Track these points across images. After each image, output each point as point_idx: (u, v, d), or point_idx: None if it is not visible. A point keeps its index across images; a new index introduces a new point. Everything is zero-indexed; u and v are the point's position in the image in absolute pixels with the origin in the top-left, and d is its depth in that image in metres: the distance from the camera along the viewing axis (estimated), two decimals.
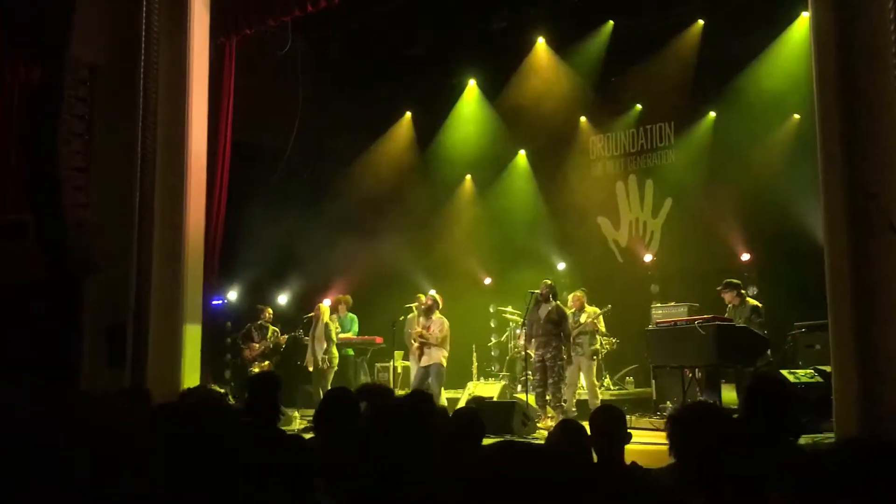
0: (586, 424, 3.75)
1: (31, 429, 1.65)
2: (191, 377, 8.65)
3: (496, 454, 1.61)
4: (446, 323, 10.26)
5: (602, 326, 10.58)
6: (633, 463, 3.45)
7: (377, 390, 4.77)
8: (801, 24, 10.51)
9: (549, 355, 9.45)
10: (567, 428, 3.84)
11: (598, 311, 10.48)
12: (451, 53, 13.11)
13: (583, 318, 10.32)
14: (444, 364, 10.17)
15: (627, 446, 3.65)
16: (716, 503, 2.53)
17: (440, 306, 10.42)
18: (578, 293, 10.64)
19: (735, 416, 4.34)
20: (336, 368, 10.98)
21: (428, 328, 10.17)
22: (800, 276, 9.44)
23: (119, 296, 8.39)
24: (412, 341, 10.47)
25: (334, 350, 11.02)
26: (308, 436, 4.35)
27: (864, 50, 6.53)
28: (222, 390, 9.48)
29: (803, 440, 6.40)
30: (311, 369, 11.01)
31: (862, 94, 6.50)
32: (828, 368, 7.31)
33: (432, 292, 10.79)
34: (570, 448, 3.50)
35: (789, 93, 10.73)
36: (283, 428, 5.50)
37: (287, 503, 2.59)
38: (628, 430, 3.60)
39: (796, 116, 11.08)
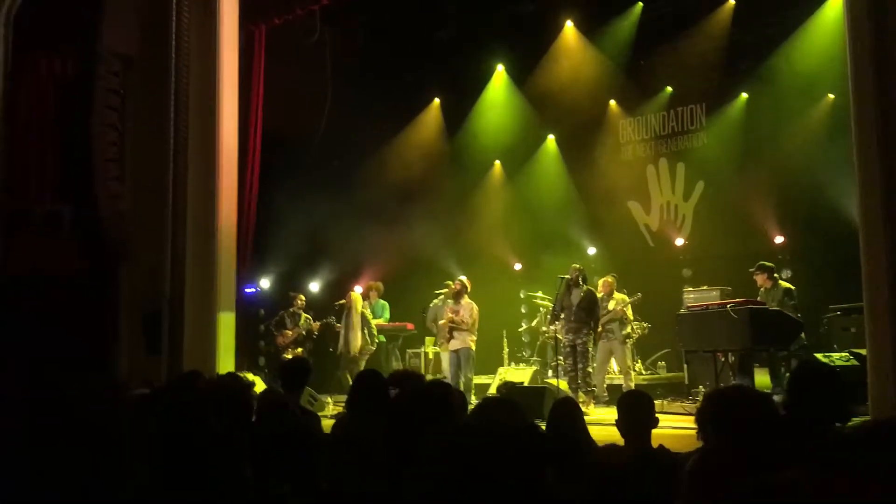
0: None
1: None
2: (226, 364, 8.78)
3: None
4: (475, 308, 10.29)
5: (630, 314, 10.52)
6: (661, 446, 3.45)
7: (409, 377, 4.82)
8: (835, 2, 10.32)
9: (580, 340, 9.46)
10: (564, 406, 3.93)
11: (626, 298, 10.43)
12: (478, 38, 13.06)
13: (611, 305, 10.28)
14: (473, 348, 10.22)
15: (660, 430, 3.66)
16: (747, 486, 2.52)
17: (469, 290, 10.45)
18: (609, 279, 10.59)
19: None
20: (368, 356, 11.08)
21: (457, 312, 10.22)
22: (834, 258, 9.33)
23: (154, 285, 8.54)
24: (443, 326, 10.51)
25: (369, 337, 11.12)
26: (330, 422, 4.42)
27: None
28: (257, 378, 9.60)
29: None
30: (339, 354, 11.11)
31: None
32: (863, 352, 7.23)
33: (462, 277, 10.80)
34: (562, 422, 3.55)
35: (823, 72, 10.54)
36: (319, 414, 5.56)
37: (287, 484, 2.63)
38: (656, 415, 3.60)
39: (830, 96, 10.89)
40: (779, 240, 11.31)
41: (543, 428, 4.23)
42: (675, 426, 6.53)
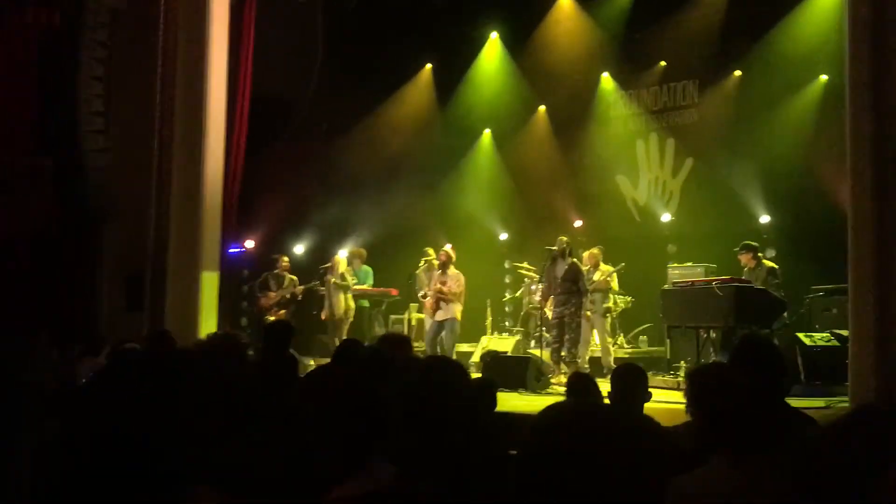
0: (598, 381, 3.81)
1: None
2: (208, 323, 8.73)
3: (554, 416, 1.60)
4: (462, 277, 10.27)
5: (615, 285, 10.56)
6: (647, 416, 3.46)
7: (395, 339, 4.82)
8: None
9: (567, 312, 9.44)
10: (580, 380, 3.90)
11: (611, 269, 10.46)
12: (473, 5, 12.91)
13: (596, 276, 10.30)
14: (459, 318, 10.22)
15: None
16: (729, 460, 2.54)
17: (454, 260, 10.43)
18: (595, 251, 10.61)
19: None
20: (352, 319, 11.06)
21: (444, 283, 10.19)
22: (818, 239, 9.37)
23: (137, 241, 8.46)
24: (425, 296, 10.50)
25: (350, 302, 11.13)
26: None
27: None
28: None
29: (820, 403, 6.43)
30: (323, 318, 11.11)
31: (892, 58, 6.37)
32: (844, 332, 7.29)
33: (448, 246, 10.76)
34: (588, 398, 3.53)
35: (817, 53, 10.52)
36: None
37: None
38: (649, 389, 3.61)
39: (823, 77, 10.86)
40: (764, 219, 11.35)
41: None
42: (657, 400, 6.56)
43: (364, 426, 2.02)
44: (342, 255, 11.79)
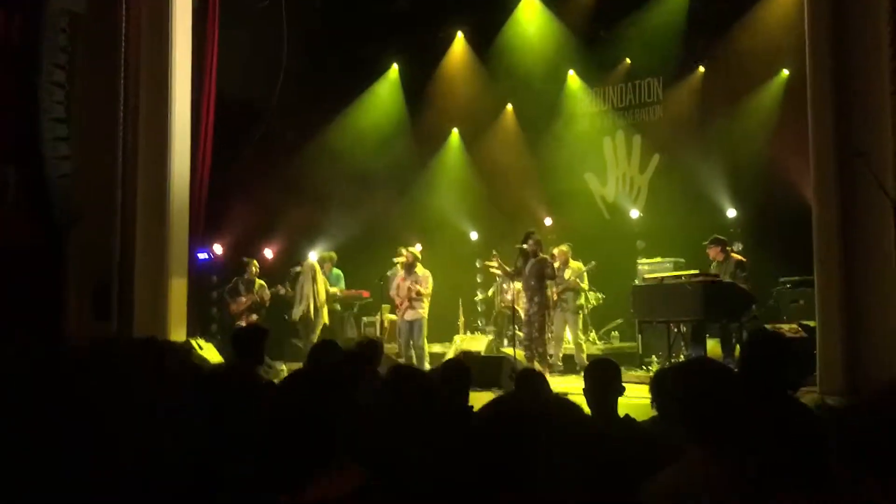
0: (573, 378, 3.82)
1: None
2: (177, 330, 8.65)
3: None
4: (430, 278, 10.35)
5: (585, 283, 10.62)
6: (627, 415, 3.48)
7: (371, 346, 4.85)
8: None
9: (532, 310, 9.52)
10: (528, 377, 3.93)
11: (582, 267, 10.51)
12: (439, 5, 12.90)
13: (567, 275, 10.35)
14: (426, 317, 10.29)
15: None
16: (712, 454, 2.54)
17: (420, 260, 10.47)
18: (564, 247, 10.66)
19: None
20: (325, 322, 11.01)
21: (417, 283, 10.23)
22: (785, 232, 9.49)
23: (104, 248, 8.34)
24: (397, 296, 10.48)
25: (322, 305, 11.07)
26: None
27: (857, 7, 6.50)
28: (209, 344, 9.47)
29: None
30: (295, 320, 11.04)
31: (853, 52, 6.48)
32: (812, 323, 7.39)
33: (412, 249, 10.73)
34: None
35: (779, 48, 10.67)
36: (273, 380, 5.50)
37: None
38: (622, 384, 3.63)
39: (785, 72, 11.02)
40: (731, 213, 11.47)
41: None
42: (629, 395, 6.59)
43: (330, 429, 2.03)
44: (312, 257, 11.74)
